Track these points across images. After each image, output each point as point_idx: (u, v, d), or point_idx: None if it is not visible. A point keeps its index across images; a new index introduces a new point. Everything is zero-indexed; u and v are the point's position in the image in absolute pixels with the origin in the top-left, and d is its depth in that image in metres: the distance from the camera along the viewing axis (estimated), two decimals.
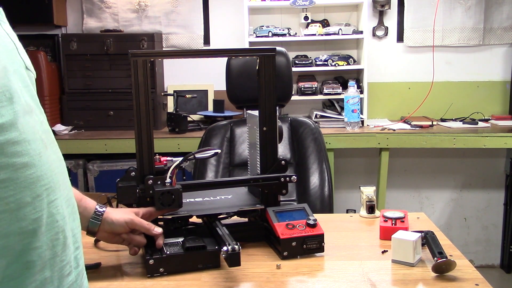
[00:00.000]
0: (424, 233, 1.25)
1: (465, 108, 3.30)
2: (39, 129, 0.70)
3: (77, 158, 3.00)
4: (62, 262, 0.71)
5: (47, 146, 0.71)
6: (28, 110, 0.68)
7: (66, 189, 0.75)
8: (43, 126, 0.72)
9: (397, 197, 3.46)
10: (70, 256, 0.74)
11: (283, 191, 1.35)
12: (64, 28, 3.38)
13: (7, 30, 0.72)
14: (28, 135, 0.66)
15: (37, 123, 0.70)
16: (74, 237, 0.76)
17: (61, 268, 0.71)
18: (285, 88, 2.22)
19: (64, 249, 0.72)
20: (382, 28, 3.32)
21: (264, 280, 1.14)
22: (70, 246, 0.74)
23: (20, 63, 0.71)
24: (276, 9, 3.31)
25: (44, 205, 0.67)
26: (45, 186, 0.68)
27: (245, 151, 2.11)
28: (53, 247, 0.69)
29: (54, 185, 0.70)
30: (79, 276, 0.77)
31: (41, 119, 0.73)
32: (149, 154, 1.24)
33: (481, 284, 1.10)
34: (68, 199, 0.75)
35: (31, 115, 0.69)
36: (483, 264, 3.50)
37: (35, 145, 0.67)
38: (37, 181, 0.66)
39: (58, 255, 0.70)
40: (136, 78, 1.22)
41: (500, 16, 3.27)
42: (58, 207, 0.71)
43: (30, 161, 0.65)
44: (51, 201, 0.69)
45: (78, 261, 0.77)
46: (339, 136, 2.90)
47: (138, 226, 1.19)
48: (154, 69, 3.09)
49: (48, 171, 0.69)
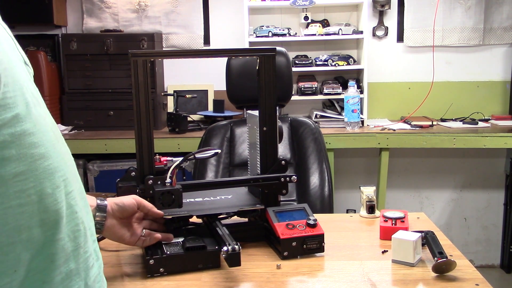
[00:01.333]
0: (424, 233, 1.25)
1: (465, 108, 3.30)
2: (49, 121, 0.70)
3: (77, 158, 2.99)
4: (86, 254, 0.71)
5: (58, 138, 0.71)
6: (37, 102, 0.68)
7: (78, 182, 0.75)
8: (51, 118, 0.72)
9: (397, 197, 3.46)
10: (90, 248, 0.74)
11: (283, 191, 1.35)
12: (64, 28, 3.38)
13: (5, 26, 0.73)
14: (41, 126, 0.66)
15: (47, 116, 0.70)
16: (90, 230, 0.76)
17: (85, 260, 0.71)
18: (285, 88, 2.22)
19: (86, 241, 0.72)
20: (382, 28, 3.32)
21: (264, 280, 1.14)
22: (90, 238, 0.74)
23: (19, 57, 0.72)
24: (276, 9, 3.31)
25: (63, 196, 0.67)
26: (62, 177, 0.68)
27: (245, 151, 2.11)
28: (75, 239, 0.69)
29: (69, 176, 0.70)
30: (100, 269, 0.77)
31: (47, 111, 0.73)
32: (149, 154, 1.24)
33: (481, 284, 1.10)
34: (81, 192, 0.75)
35: (40, 107, 0.69)
36: (483, 264, 3.50)
37: (48, 136, 0.67)
38: (55, 172, 0.66)
39: (81, 246, 0.70)
40: (136, 78, 1.22)
41: (500, 16, 3.27)
42: (75, 199, 0.71)
43: (46, 152, 0.65)
44: (68, 192, 0.69)
45: (98, 254, 0.77)
46: (339, 136, 2.90)
47: (144, 203, 1.19)
48: (154, 69, 3.09)
49: (62, 163, 0.69)
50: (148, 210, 1.20)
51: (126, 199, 1.18)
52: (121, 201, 1.17)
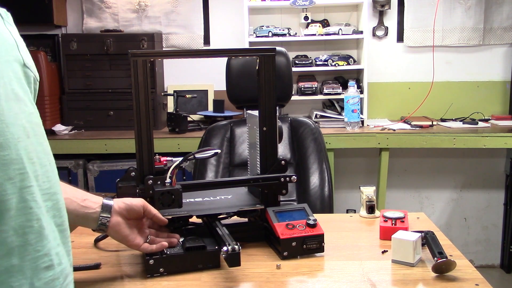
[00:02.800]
0: (424, 233, 1.25)
1: (465, 108, 3.30)
2: (23, 118, 0.70)
3: (77, 158, 3.00)
4: (36, 252, 0.69)
5: (29, 135, 0.70)
6: (14, 97, 0.68)
7: (48, 182, 0.74)
8: (30, 117, 0.72)
9: (397, 197, 3.46)
10: (50, 249, 0.71)
11: (283, 191, 1.35)
12: (64, 28, 3.38)
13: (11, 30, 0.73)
14: (7, 118, 0.66)
15: (23, 113, 0.70)
16: (54, 233, 0.74)
17: (35, 259, 0.69)
18: (285, 88, 2.22)
19: (41, 239, 0.69)
20: (382, 28, 3.32)
21: (264, 280, 1.14)
22: (50, 239, 0.71)
23: (16, 57, 0.72)
24: (276, 9, 3.31)
25: (15, 189, 0.66)
26: (20, 170, 0.67)
27: (245, 151, 2.11)
28: (24, 235, 0.67)
29: (30, 172, 0.69)
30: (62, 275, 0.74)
31: (31, 111, 0.73)
32: (149, 154, 1.24)
33: (481, 284, 1.10)
34: (48, 193, 0.73)
35: (18, 103, 0.69)
36: (483, 264, 3.50)
37: (14, 129, 0.67)
38: (11, 163, 0.66)
39: (31, 244, 0.68)
40: (136, 78, 1.22)
41: (500, 16, 3.27)
42: (34, 195, 0.69)
43: (4, 142, 0.65)
44: (25, 186, 0.68)
45: (61, 259, 0.74)
46: (339, 136, 2.90)
47: (150, 208, 1.19)
48: (154, 69, 3.09)
49: (25, 158, 0.68)
50: (153, 216, 1.19)
51: (134, 200, 1.18)
52: (130, 201, 1.17)
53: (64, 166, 2.97)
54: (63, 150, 2.92)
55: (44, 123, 0.76)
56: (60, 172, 0.84)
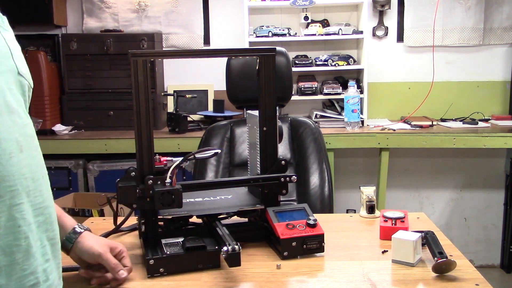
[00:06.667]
0: (424, 233, 1.25)
1: (465, 108, 3.30)
2: (16, 131, 0.68)
3: (77, 158, 3.00)
4: (23, 271, 0.67)
5: (22, 149, 0.69)
6: (7, 110, 0.67)
7: (40, 197, 0.72)
8: (24, 129, 0.70)
9: (397, 197, 3.46)
10: (36, 267, 0.69)
11: (283, 191, 1.35)
12: (64, 28, 3.38)
13: (6, 36, 0.72)
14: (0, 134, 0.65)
15: (16, 125, 0.68)
16: (44, 248, 0.72)
17: (22, 278, 0.67)
18: (285, 88, 2.22)
19: (28, 258, 0.68)
20: (382, 28, 3.32)
21: (264, 280, 1.14)
22: (37, 256, 0.70)
23: (11, 67, 0.71)
24: (276, 9, 3.31)
25: (4, 207, 0.64)
26: (10, 188, 0.65)
27: (245, 151, 2.11)
28: (11, 254, 0.65)
29: (21, 189, 0.67)
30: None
31: (25, 122, 0.71)
32: (149, 154, 1.24)
33: (481, 284, 1.10)
34: (40, 208, 0.71)
35: (11, 116, 0.67)
36: (483, 264, 3.50)
37: (7, 145, 0.65)
38: (1, 181, 0.64)
39: (18, 263, 0.66)
40: (136, 78, 1.22)
41: (500, 16, 3.27)
42: (23, 212, 0.67)
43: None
44: (15, 204, 0.66)
45: (48, 275, 0.72)
46: (339, 136, 2.90)
47: (105, 262, 1.10)
48: (154, 69, 3.09)
49: (17, 174, 0.66)
50: (111, 270, 1.10)
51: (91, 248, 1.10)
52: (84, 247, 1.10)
53: (64, 166, 2.97)
54: (63, 150, 2.92)
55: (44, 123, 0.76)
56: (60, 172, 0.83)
